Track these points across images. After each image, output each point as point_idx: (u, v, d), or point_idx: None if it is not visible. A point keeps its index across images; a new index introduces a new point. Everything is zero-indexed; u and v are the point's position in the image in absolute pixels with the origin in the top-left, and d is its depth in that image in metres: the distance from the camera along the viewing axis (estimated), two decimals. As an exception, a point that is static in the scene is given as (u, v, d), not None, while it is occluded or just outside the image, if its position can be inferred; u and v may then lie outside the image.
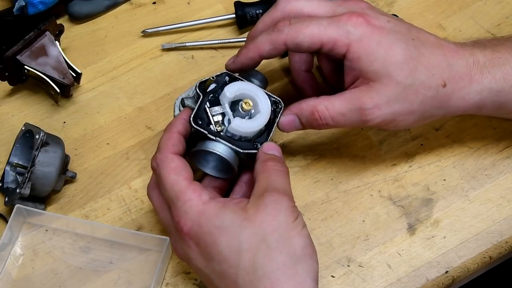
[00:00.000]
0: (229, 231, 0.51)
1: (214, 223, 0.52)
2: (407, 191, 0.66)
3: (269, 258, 0.50)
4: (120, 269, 0.63)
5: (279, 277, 0.50)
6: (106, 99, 0.73)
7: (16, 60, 0.69)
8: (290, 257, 0.51)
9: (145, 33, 0.76)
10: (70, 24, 0.78)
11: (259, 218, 0.52)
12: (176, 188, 0.54)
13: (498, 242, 0.63)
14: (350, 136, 0.69)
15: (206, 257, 0.52)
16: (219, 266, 0.51)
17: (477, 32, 0.75)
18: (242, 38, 0.76)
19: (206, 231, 0.52)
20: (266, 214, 0.52)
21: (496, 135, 0.68)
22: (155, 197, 0.58)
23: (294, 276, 0.50)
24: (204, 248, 0.52)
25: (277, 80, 0.73)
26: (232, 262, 0.51)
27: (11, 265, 0.64)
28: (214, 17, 0.76)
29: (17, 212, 0.63)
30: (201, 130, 0.58)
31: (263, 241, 0.51)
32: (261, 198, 0.53)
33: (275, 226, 0.51)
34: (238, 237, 0.51)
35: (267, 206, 0.52)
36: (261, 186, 0.54)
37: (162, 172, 0.55)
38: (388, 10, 0.78)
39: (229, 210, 0.53)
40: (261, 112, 0.59)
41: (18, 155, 0.68)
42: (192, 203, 0.53)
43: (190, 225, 0.53)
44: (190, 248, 0.53)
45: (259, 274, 0.50)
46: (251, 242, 0.51)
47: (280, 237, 0.51)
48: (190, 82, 0.73)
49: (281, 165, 0.57)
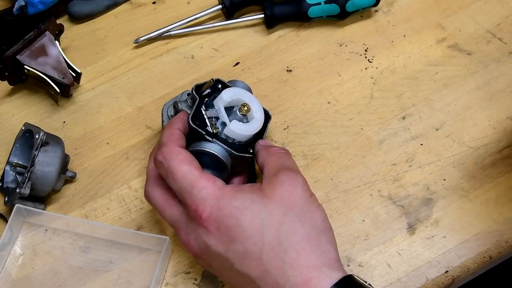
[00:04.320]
0: (250, 210, 0.52)
1: (234, 204, 0.52)
2: (407, 190, 0.66)
3: (293, 230, 0.51)
4: (120, 269, 0.63)
5: (304, 247, 0.51)
6: (106, 99, 0.73)
7: (16, 60, 0.69)
8: (313, 229, 0.52)
9: (138, 42, 0.76)
10: (70, 24, 0.78)
11: (277, 195, 0.53)
12: (190, 177, 0.54)
13: (498, 242, 0.63)
14: (350, 136, 0.69)
15: (227, 240, 0.52)
16: (241, 246, 0.51)
17: (477, 32, 0.75)
18: (224, 22, 0.77)
19: (227, 213, 0.52)
20: (284, 190, 0.53)
21: (496, 135, 0.68)
22: (157, 194, 0.58)
23: (318, 245, 0.52)
24: (226, 231, 0.52)
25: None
26: (255, 239, 0.51)
27: (11, 264, 0.63)
28: (200, 12, 0.77)
29: (17, 212, 0.63)
30: (199, 130, 0.58)
31: (285, 215, 0.52)
32: (276, 177, 0.54)
33: (294, 201, 0.53)
34: (260, 214, 0.52)
35: (283, 183, 0.54)
36: (272, 167, 0.56)
37: (172, 163, 0.55)
38: (388, 10, 0.78)
39: (246, 192, 0.54)
40: (255, 118, 0.61)
41: (18, 155, 0.68)
42: (208, 189, 0.53)
43: (209, 210, 0.53)
44: (210, 234, 0.53)
45: (285, 246, 0.51)
46: (273, 217, 0.52)
47: (301, 210, 0.53)
48: (190, 82, 0.74)
49: (284, 149, 0.59)
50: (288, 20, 0.77)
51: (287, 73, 0.74)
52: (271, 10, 0.75)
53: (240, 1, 0.77)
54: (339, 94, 0.72)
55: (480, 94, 0.71)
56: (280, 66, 0.74)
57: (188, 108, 0.61)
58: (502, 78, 0.72)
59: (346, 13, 0.75)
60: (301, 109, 0.71)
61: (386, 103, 0.71)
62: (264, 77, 0.74)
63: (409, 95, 0.72)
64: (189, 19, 0.77)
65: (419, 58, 0.74)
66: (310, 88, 0.73)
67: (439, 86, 0.72)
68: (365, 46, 0.75)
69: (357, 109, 0.71)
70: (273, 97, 0.72)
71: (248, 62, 0.75)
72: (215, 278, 0.62)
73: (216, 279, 0.62)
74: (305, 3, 0.75)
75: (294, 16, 0.76)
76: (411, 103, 0.71)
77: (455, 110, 0.70)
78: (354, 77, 0.73)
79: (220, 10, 0.77)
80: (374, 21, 0.77)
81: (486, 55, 0.74)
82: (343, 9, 0.75)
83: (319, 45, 0.76)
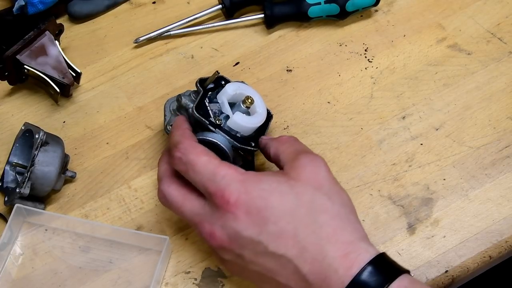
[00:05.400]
0: (278, 191, 0.52)
1: (261, 187, 0.52)
2: (407, 190, 0.66)
3: (324, 208, 0.52)
4: (119, 269, 0.63)
5: (338, 224, 0.51)
6: (105, 99, 0.73)
7: (15, 60, 0.69)
8: (343, 206, 0.53)
9: (138, 42, 0.76)
10: (70, 23, 0.78)
11: (303, 177, 0.53)
12: (211, 166, 0.54)
13: (498, 242, 0.63)
14: (350, 135, 0.69)
15: (259, 222, 0.52)
16: (275, 226, 0.51)
17: (477, 32, 0.75)
18: (224, 22, 0.77)
19: (256, 195, 0.52)
20: (308, 172, 0.54)
21: (496, 135, 0.68)
22: (174, 191, 0.57)
23: (349, 223, 0.52)
24: (257, 213, 0.52)
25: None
26: (289, 218, 0.51)
27: (10, 264, 0.63)
28: (200, 12, 0.77)
29: (16, 212, 0.63)
30: (203, 119, 0.59)
31: (314, 194, 0.52)
32: (296, 161, 0.55)
33: (320, 181, 0.54)
34: (289, 194, 0.52)
35: (306, 166, 0.54)
36: (290, 153, 0.57)
37: (191, 156, 0.55)
38: (388, 10, 0.78)
39: (270, 175, 0.54)
40: (258, 112, 0.62)
41: (18, 154, 0.68)
42: (232, 175, 0.53)
43: (237, 194, 0.52)
44: (238, 219, 0.52)
45: (320, 223, 0.51)
46: (303, 197, 0.52)
47: (329, 190, 0.53)
48: (189, 81, 0.74)
49: (293, 137, 0.60)
50: (288, 20, 0.77)
51: (287, 73, 0.74)
52: (271, 10, 0.75)
53: (240, 1, 0.77)
54: (339, 94, 0.72)
55: (480, 94, 0.71)
56: (280, 66, 0.74)
57: (191, 102, 0.62)
58: (502, 78, 0.72)
59: (346, 13, 0.75)
60: (301, 109, 0.71)
61: (386, 103, 0.71)
62: (264, 77, 0.74)
63: (409, 95, 0.72)
64: (189, 19, 0.77)
65: (419, 58, 0.74)
66: (310, 88, 0.73)
67: (439, 86, 0.72)
68: (365, 46, 0.75)
69: (357, 109, 0.71)
70: (273, 97, 0.72)
71: (248, 62, 0.75)
72: (215, 278, 0.62)
73: (216, 279, 0.62)
74: (305, 3, 0.75)
75: (294, 16, 0.76)
76: (411, 103, 0.71)
77: (455, 110, 0.70)
78: (354, 77, 0.73)
79: (220, 10, 0.78)
80: (374, 21, 0.77)
81: (486, 55, 0.74)
82: (343, 9, 0.75)
83: (319, 45, 0.76)
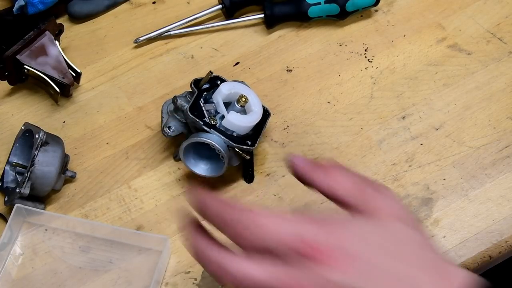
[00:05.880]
0: (366, 232, 0.45)
1: (347, 229, 0.44)
2: (407, 190, 0.66)
3: (413, 239, 0.45)
4: (119, 269, 0.63)
5: (429, 252, 0.45)
6: (105, 99, 0.73)
7: (15, 60, 0.69)
8: (422, 231, 0.47)
9: (138, 42, 0.76)
10: (70, 23, 0.78)
11: (381, 213, 0.46)
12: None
13: (498, 242, 0.63)
14: (350, 135, 0.69)
15: (358, 269, 0.42)
16: (401, 265, 0.43)
17: (477, 32, 0.75)
18: (224, 22, 0.77)
19: (349, 235, 0.43)
20: (385, 206, 0.46)
21: (496, 135, 0.68)
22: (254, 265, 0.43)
23: (432, 246, 0.46)
24: (352, 260, 0.42)
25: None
26: (385, 257, 0.43)
27: (10, 264, 0.63)
28: (200, 12, 0.77)
29: (16, 212, 0.63)
30: (197, 120, 0.59)
31: (401, 228, 0.45)
32: (365, 195, 0.47)
33: (399, 212, 0.46)
34: (375, 233, 0.44)
35: (377, 198, 0.47)
36: (351, 188, 0.47)
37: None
38: (388, 10, 0.78)
39: (349, 217, 0.46)
40: (253, 110, 0.61)
41: (18, 154, 0.68)
42: (308, 226, 0.43)
43: (324, 239, 0.42)
44: (334, 269, 0.41)
45: (419, 255, 0.44)
46: (391, 233, 0.45)
47: (407, 218, 0.47)
48: (189, 81, 0.73)
49: (337, 164, 0.49)
50: (288, 20, 0.77)
51: (287, 73, 0.74)
52: (271, 10, 0.75)
53: (240, 1, 0.77)
54: (339, 94, 0.72)
55: (480, 94, 0.71)
56: (280, 66, 0.74)
57: (187, 102, 0.62)
58: (502, 78, 0.72)
59: (346, 13, 0.75)
60: (301, 109, 0.71)
61: (386, 103, 0.71)
62: (264, 77, 0.74)
63: (409, 95, 0.72)
64: (189, 19, 0.77)
65: (419, 58, 0.74)
66: (310, 88, 0.73)
67: (439, 86, 0.72)
68: (365, 46, 0.75)
69: (357, 109, 0.71)
70: (273, 97, 0.72)
71: (248, 62, 0.75)
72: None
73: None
74: (305, 3, 0.74)
75: (294, 16, 0.76)
76: (411, 103, 0.71)
77: (455, 110, 0.70)
78: (354, 77, 0.73)
79: (220, 10, 0.78)
80: (374, 21, 0.77)
81: (486, 55, 0.74)
82: (343, 9, 0.75)
83: (319, 45, 0.76)
